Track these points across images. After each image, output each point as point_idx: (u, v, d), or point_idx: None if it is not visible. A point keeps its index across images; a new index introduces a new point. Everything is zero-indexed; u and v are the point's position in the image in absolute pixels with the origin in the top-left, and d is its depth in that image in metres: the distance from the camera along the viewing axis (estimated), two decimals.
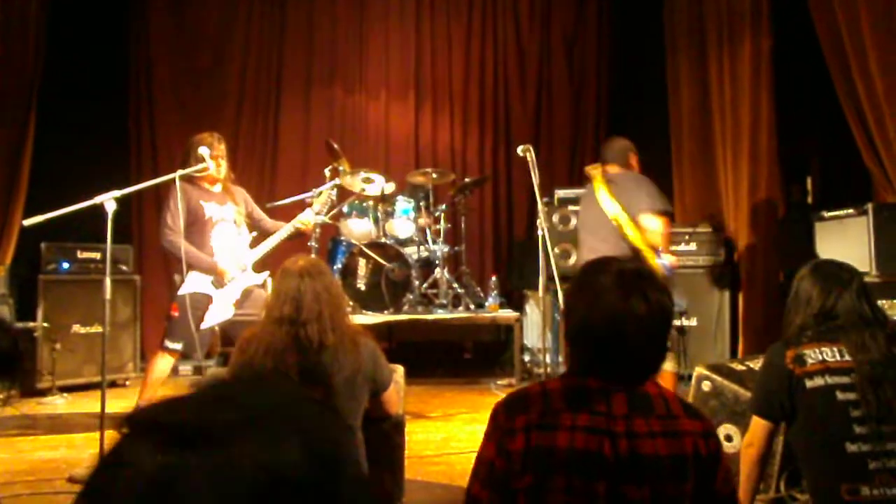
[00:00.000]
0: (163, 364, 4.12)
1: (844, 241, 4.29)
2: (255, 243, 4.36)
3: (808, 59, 4.97)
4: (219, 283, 4.09)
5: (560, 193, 5.87)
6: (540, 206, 3.89)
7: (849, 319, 2.27)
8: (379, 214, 5.78)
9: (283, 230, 4.33)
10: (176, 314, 4.03)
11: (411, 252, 5.77)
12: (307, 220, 4.34)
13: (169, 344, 4.06)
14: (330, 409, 1.10)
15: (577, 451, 1.38)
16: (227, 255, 4.15)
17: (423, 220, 5.91)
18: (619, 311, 1.42)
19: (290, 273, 2.42)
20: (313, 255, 5.12)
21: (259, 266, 4.35)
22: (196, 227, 4.05)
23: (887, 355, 2.18)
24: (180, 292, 4.01)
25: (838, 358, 2.22)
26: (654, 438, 1.41)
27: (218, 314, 4.10)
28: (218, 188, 4.24)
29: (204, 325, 4.01)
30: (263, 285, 4.31)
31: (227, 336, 4.33)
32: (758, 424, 2.35)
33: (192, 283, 4.02)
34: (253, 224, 4.40)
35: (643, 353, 1.46)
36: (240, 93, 6.86)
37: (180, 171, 3.89)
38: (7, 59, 5.11)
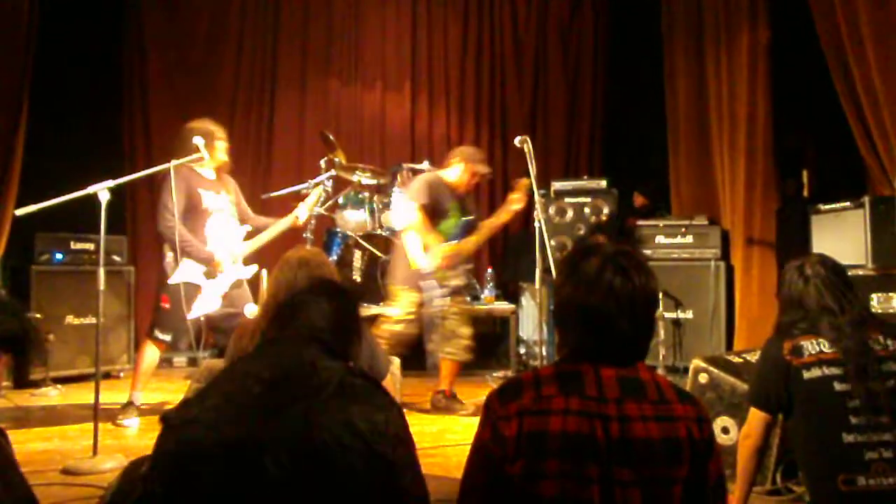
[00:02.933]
0: (151, 354, 4.10)
1: (840, 234, 4.29)
2: (248, 237, 4.33)
3: (804, 51, 4.95)
4: (211, 273, 4.06)
5: (556, 185, 5.86)
6: (537, 198, 3.87)
7: (817, 311, 2.30)
8: (374, 206, 5.76)
9: (278, 225, 4.30)
10: (167, 305, 4.00)
11: None
12: (302, 216, 4.33)
13: (159, 334, 4.03)
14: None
15: (569, 434, 1.39)
16: (221, 247, 4.12)
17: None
18: (605, 293, 1.46)
19: (289, 263, 2.42)
20: (308, 246, 5.10)
21: (249, 259, 4.33)
22: (192, 214, 4.02)
23: (858, 343, 2.19)
24: (172, 281, 3.97)
25: (833, 349, 2.22)
26: (647, 422, 1.42)
27: (205, 305, 4.07)
28: (213, 176, 4.21)
29: (191, 316, 3.98)
30: (256, 278, 4.29)
31: (215, 327, 4.28)
32: (755, 416, 2.36)
33: (185, 273, 3.98)
34: (240, 216, 4.37)
35: (631, 334, 1.48)
36: (234, 83, 6.81)
37: (174, 161, 3.86)
38: None
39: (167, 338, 4.06)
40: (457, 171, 4.61)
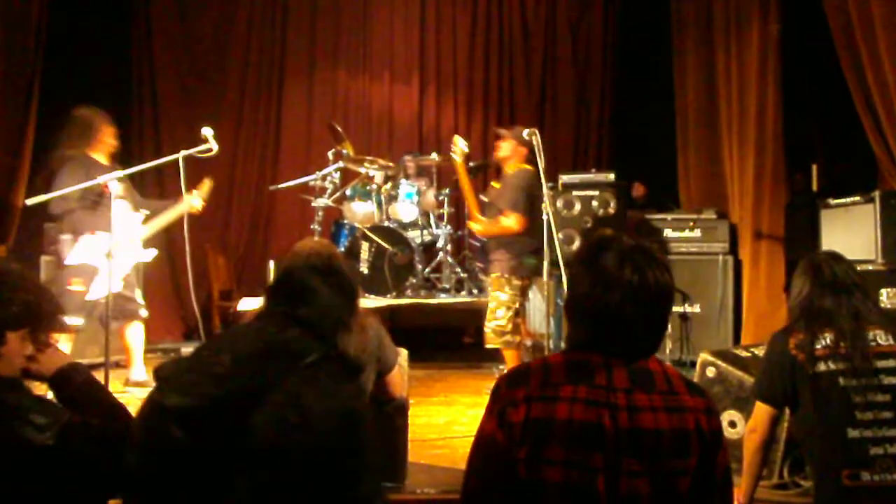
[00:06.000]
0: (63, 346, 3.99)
1: (850, 229, 4.27)
2: (145, 220, 4.35)
3: (815, 44, 4.92)
4: (109, 255, 4.00)
5: (564, 178, 5.83)
6: (545, 191, 3.87)
7: (822, 305, 2.30)
8: (382, 198, 5.76)
9: (174, 210, 4.28)
10: (73, 287, 3.91)
11: (414, 236, 5.76)
12: (196, 203, 4.29)
13: (70, 321, 3.82)
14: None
15: (575, 422, 1.38)
16: (121, 229, 4.09)
17: (427, 203, 5.88)
18: (620, 287, 1.42)
19: (298, 253, 2.42)
20: (317, 237, 5.11)
21: (148, 243, 4.38)
22: (98, 199, 3.98)
23: (857, 338, 2.20)
24: (70, 262, 3.93)
25: (841, 344, 2.22)
26: (656, 413, 1.40)
27: (103, 287, 3.93)
28: (107, 162, 4.22)
29: (89, 297, 3.94)
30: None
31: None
32: (761, 410, 2.36)
33: (82, 253, 3.95)
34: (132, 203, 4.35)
35: (644, 329, 1.47)
36: (243, 75, 6.82)
37: (184, 152, 3.86)
38: (9, 41, 5.07)
39: (79, 321, 3.94)
40: None
